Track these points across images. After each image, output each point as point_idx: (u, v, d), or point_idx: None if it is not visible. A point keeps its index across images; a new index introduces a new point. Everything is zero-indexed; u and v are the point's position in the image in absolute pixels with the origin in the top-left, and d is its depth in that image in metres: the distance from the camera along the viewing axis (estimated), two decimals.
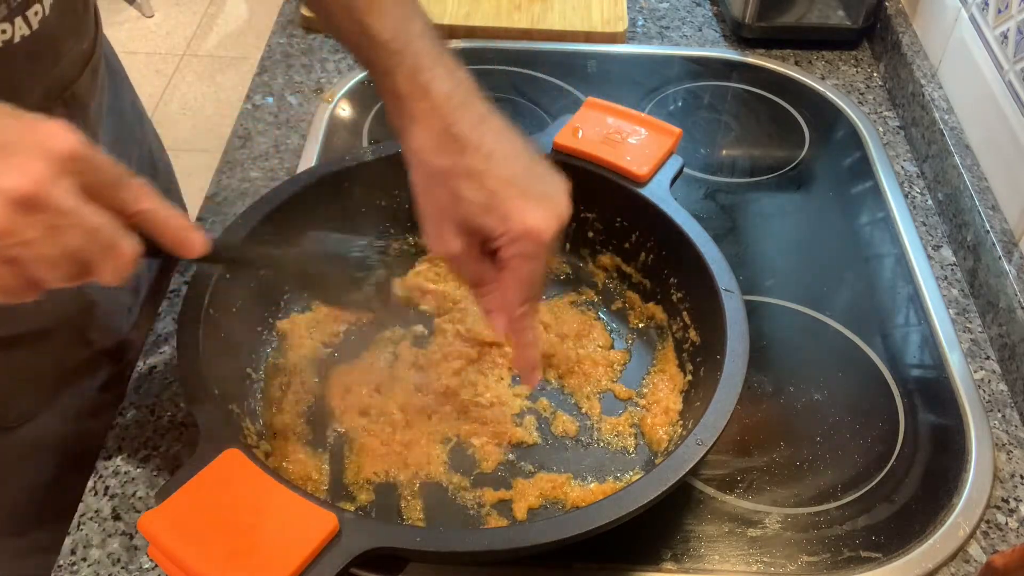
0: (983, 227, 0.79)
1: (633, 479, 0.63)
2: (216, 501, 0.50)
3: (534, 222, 0.56)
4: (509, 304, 0.60)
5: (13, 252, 0.43)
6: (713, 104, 1.00)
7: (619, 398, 0.70)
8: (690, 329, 0.71)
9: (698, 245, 0.69)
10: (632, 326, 0.75)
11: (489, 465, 0.66)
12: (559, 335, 0.73)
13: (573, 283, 0.78)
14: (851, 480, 0.66)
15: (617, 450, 0.67)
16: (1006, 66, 0.82)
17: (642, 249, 0.75)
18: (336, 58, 1.04)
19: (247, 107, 0.98)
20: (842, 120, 0.98)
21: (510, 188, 0.57)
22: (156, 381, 0.71)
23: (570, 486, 0.64)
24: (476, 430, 0.67)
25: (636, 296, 0.76)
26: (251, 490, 0.51)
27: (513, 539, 0.54)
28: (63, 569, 0.61)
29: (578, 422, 0.69)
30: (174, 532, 0.49)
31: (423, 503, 0.63)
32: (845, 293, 0.80)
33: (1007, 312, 0.74)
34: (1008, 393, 0.73)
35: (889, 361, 0.74)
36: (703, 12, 1.13)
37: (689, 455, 0.56)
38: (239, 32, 2.80)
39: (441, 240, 0.59)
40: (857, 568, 0.61)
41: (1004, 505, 0.66)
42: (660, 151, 0.73)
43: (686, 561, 0.61)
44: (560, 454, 0.67)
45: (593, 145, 0.74)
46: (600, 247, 0.78)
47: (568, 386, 0.71)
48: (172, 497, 0.50)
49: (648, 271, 0.75)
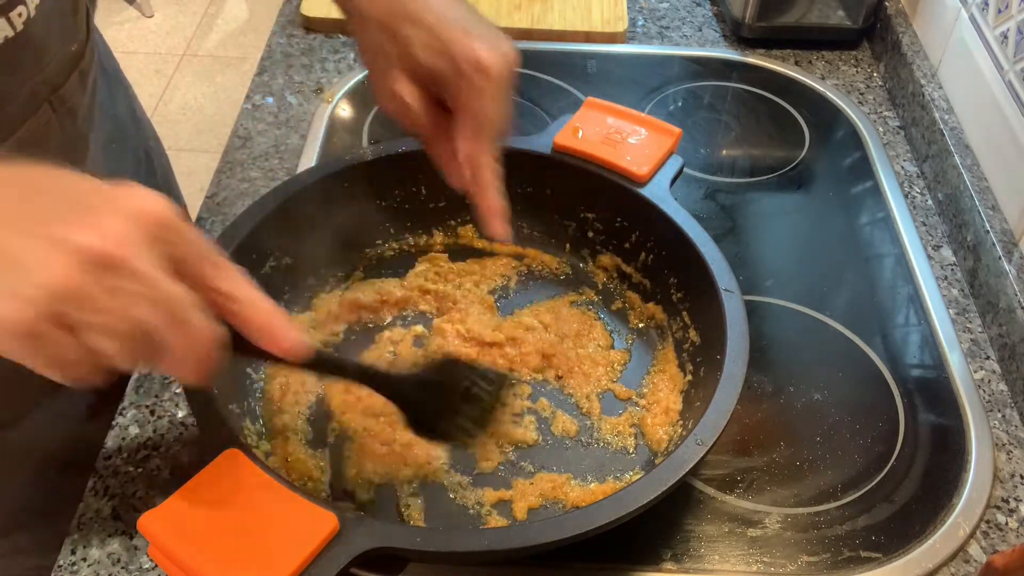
0: (983, 227, 0.79)
1: (633, 479, 0.63)
2: (216, 501, 0.50)
3: (484, 56, 0.55)
4: (466, 148, 0.58)
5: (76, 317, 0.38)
6: (713, 104, 1.00)
7: (619, 398, 0.70)
8: (690, 329, 0.71)
9: (698, 245, 0.69)
10: (632, 326, 0.75)
11: (489, 465, 0.66)
12: (559, 335, 0.73)
13: (573, 283, 0.78)
14: (851, 480, 0.66)
15: (617, 450, 0.67)
16: (1006, 66, 0.82)
17: (642, 249, 0.75)
18: (336, 58, 1.04)
19: (247, 107, 0.98)
20: (842, 120, 0.98)
21: (454, 27, 0.56)
22: (156, 381, 0.71)
23: (570, 486, 0.64)
24: None
25: (636, 296, 0.76)
26: (251, 490, 0.51)
27: (513, 539, 0.54)
28: (63, 569, 0.61)
29: (578, 422, 0.69)
30: (174, 532, 0.49)
31: (423, 503, 0.63)
32: (845, 293, 0.80)
33: (1007, 312, 0.74)
34: (1008, 393, 0.73)
35: (889, 361, 0.74)
36: (703, 12, 1.13)
37: (689, 455, 0.56)
38: (239, 32, 2.80)
39: (391, 92, 0.58)
40: (857, 568, 0.61)
41: (1004, 505, 0.66)
42: (660, 151, 0.73)
43: (686, 561, 0.61)
44: (560, 454, 0.67)
45: (593, 145, 0.74)
46: (600, 247, 0.78)
47: (568, 386, 0.71)
48: (172, 497, 0.50)
49: (648, 271, 0.75)
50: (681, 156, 0.75)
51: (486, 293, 0.76)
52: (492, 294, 0.77)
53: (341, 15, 0.62)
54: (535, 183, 0.76)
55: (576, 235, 0.79)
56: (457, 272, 0.78)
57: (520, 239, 0.79)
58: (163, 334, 0.41)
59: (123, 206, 0.40)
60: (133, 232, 0.39)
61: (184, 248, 0.42)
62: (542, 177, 0.76)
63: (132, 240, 0.39)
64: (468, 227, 0.80)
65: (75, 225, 0.38)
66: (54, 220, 0.39)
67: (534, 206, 0.77)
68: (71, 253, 0.38)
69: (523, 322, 0.73)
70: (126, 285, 0.39)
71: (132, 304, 0.39)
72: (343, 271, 0.76)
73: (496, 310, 0.75)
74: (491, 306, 0.75)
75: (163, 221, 0.41)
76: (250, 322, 0.45)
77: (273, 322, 0.46)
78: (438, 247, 0.79)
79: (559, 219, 0.79)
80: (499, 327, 0.73)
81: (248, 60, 2.67)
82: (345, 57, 1.04)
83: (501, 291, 0.77)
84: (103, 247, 0.38)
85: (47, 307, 0.38)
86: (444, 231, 0.80)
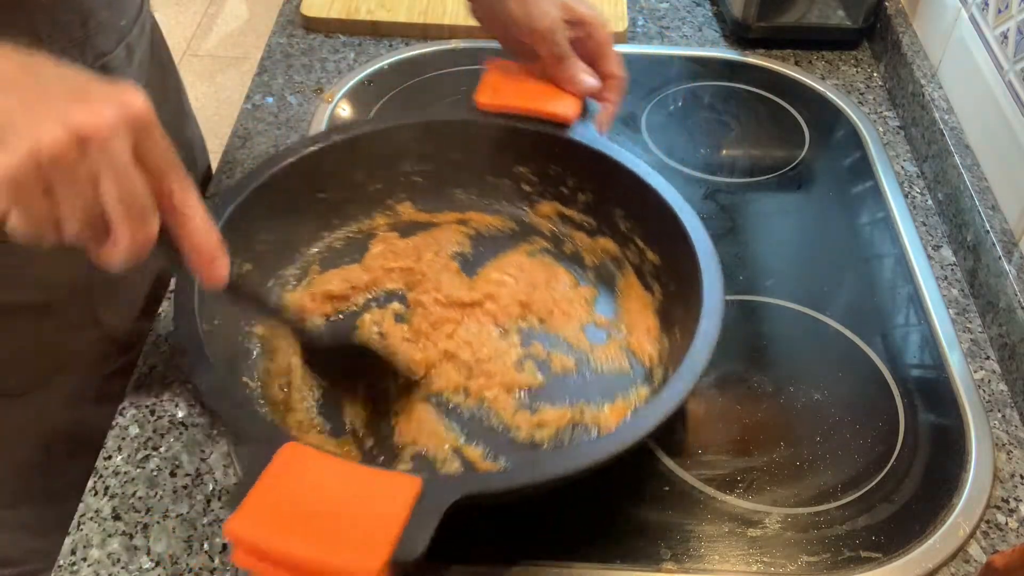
0: (983, 227, 0.79)
1: (640, 393, 0.68)
2: (293, 493, 0.50)
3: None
4: None
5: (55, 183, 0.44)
6: (713, 104, 1.00)
7: (601, 328, 0.74)
8: (646, 251, 0.74)
9: (636, 172, 0.73)
10: (588, 264, 0.78)
11: (507, 413, 0.67)
12: (529, 283, 0.76)
13: (522, 235, 0.81)
14: (851, 480, 0.66)
15: (615, 373, 0.71)
16: (1006, 66, 0.82)
17: (579, 190, 0.78)
18: (336, 58, 1.04)
19: (247, 107, 0.98)
20: (842, 120, 0.98)
21: None
22: (156, 381, 0.71)
23: (589, 412, 0.68)
24: (486, 384, 0.69)
25: (583, 235, 0.79)
26: (322, 476, 0.51)
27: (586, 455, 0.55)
28: (63, 569, 0.61)
29: (573, 357, 0.71)
30: (264, 530, 0.48)
31: (460, 465, 0.65)
32: (845, 293, 0.80)
33: (1007, 312, 0.74)
34: (1008, 393, 0.73)
35: (889, 361, 0.74)
36: (703, 12, 1.13)
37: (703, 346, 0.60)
38: (239, 32, 2.80)
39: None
40: (857, 568, 0.61)
41: (1004, 505, 0.66)
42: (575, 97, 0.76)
43: (686, 561, 0.61)
44: (566, 388, 0.70)
45: (515, 97, 0.76)
46: (537, 197, 0.81)
47: (552, 327, 0.74)
48: (247, 500, 0.49)
49: (590, 210, 0.79)
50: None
51: (448, 259, 0.78)
52: (454, 260, 0.78)
53: (341, 15, 0.65)
54: (464, 149, 0.79)
55: (512, 191, 0.81)
56: (414, 246, 0.79)
57: (459, 205, 0.82)
58: (118, 223, 0.46)
59: (116, 98, 0.45)
60: (120, 122, 0.44)
61: (158, 152, 0.47)
62: (470, 142, 0.79)
63: (118, 129, 0.44)
64: (405, 204, 0.82)
65: (72, 105, 0.44)
66: (54, 98, 0.44)
67: (467, 171, 0.80)
68: (64, 126, 0.43)
69: (492, 278, 0.76)
70: (105, 167, 0.44)
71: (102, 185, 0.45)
72: (300, 268, 0.77)
73: (462, 274, 0.77)
74: (457, 271, 0.77)
75: (147, 121, 0.46)
76: (191, 236, 0.50)
77: (211, 243, 0.50)
78: (383, 228, 0.80)
79: (493, 179, 0.81)
80: (472, 287, 0.75)
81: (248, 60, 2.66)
82: (345, 57, 1.04)
83: (459, 256, 0.79)
84: (94, 128, 0.44)
85: (32, 162, 0.43)
86: (384, 212, 0.81)
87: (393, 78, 1.00)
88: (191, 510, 0.63)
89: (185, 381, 0.71)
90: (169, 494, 0.64)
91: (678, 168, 0.91)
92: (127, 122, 0.45)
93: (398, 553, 0.47)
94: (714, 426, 0.69)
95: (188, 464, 0.66)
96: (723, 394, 0.71)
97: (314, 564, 0.47)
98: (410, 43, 1.06)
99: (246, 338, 0.71)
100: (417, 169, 0.80)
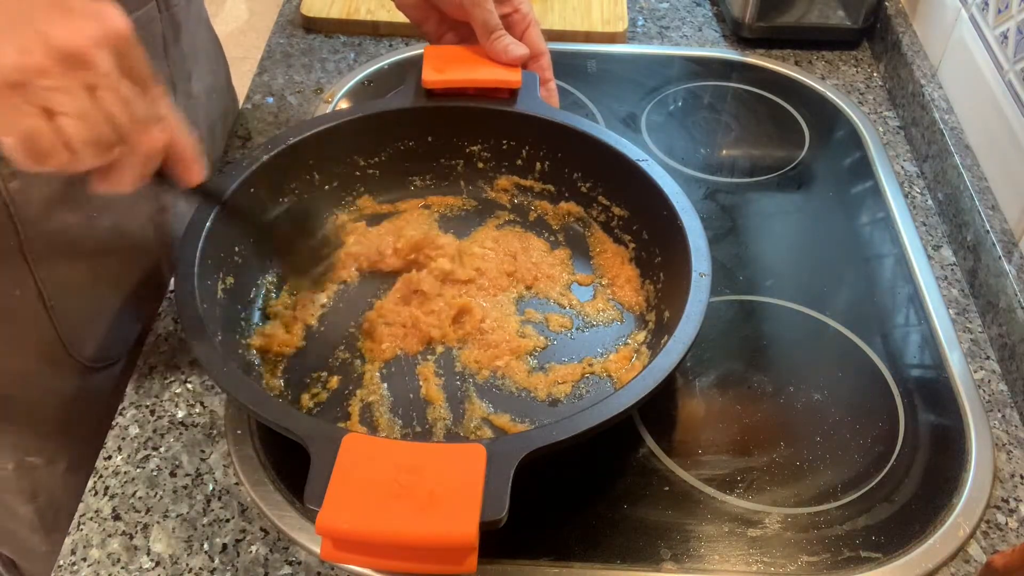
0: (983, 227, 0.79)
1: (637, 338, 0.72)
2: (368, 482, 0.51)
3: None
4: None
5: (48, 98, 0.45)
6: (713, 104, 1.00)
7: (584, 285, 0.77)
8: (612, 207, 0.78)
9: (590, 132, 0.75)
10: (555, 228, 0.81)
11: (521, 378, 0.70)
12: (508, 254, 0.78)
13: (486, 212, 0.83)
14: (851, 480, 0.66)
15: (610, 323, 0.74)
16: (1006, 66, 0.82)
17: (535, 160, 0.81)
18: (336, 58, 1.04)
19: (247, 107, 0.98)
20: (842, 120, 0.98)
21: None
22: (156, 381, 0.71)
23: (597, 363, 0.71)
24: (496, 354, 0.71)
25: (545, 203, 0.82)
26: (390, 459, 0.52)
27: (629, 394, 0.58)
28: (63, 569, 0.61)
29: (567, 315, 0.75)
30: (356, 519, 0.49)
31: (492, 433, 0.66)
32: (845, 293, 0.80)
33: (1007, 312, 0.74)
34: (1008, 393, 0.73)
35: (889, 361, 0.74)
36: (703, 12, 1.13)
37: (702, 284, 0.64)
38: (239, 32, 2.80)
39: None
40: (857, 568, 0.61)
41: (1004, 505, 0.66)
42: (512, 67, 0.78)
43: (686, 561, 0.61)
44: (570, 345, 0.73)
45: (459, 71, 0.78)
46: (493, 173, 0.83)
47: (540, 292, 0.76)
48: (328, 495, 0.50)
49: (547, 177, 0.81)
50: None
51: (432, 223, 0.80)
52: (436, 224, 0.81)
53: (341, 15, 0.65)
54: (414, 136, 0.81)
55: (467, 170, 0.83)
56: (385, 232, 0.80)
57: (417, 191, 0.84)
58: (127, 130, 0.48)
59: (98, 16, 0.46)
60: (103, 39, 0.46)
61: (140, 67, 0.49)
62: (419, 128, 0.80)
63: (101, 46, 0.46)
64: (365, 198, 0.83)
65: (54, 24, 0.45)
66: (36, 18, 0.45)
67: (419, 157, 0.82)
68: (44, 44, 0.44)
69: (475, 253, 0.78)
70: (91, 79, 0.46)
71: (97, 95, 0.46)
72: (274, 276, 0.76)
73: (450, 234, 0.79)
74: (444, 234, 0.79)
75: (128, 39, 0.47)
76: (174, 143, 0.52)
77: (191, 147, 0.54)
78: (349, 223, 0.81)
79: (447, 161, 0.83)
80: (460, 262, 0.77)
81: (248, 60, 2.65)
82: (345, 57, 1.04)
83: None
84: (76, 45, 0.45)
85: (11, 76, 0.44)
86: (344, 209, 0.82)
87: (393, 78, 1.00)
88: (191, 510, 0.63)
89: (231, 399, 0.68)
90: (169, 494, 0.64)
91: (678, 168, 0.91)
92: (109, 40, 0.46)
93: (486, 514, 0.49)
94: (714, 426, 0.69)
95: (188, 464, 0.66)
96: (723, 394, 0.71)
97: (414, 540, 0.49)
98: (410, 43, 1.06)
99: (245, 350, 0.70)
100: (370, 162, 0.81)
